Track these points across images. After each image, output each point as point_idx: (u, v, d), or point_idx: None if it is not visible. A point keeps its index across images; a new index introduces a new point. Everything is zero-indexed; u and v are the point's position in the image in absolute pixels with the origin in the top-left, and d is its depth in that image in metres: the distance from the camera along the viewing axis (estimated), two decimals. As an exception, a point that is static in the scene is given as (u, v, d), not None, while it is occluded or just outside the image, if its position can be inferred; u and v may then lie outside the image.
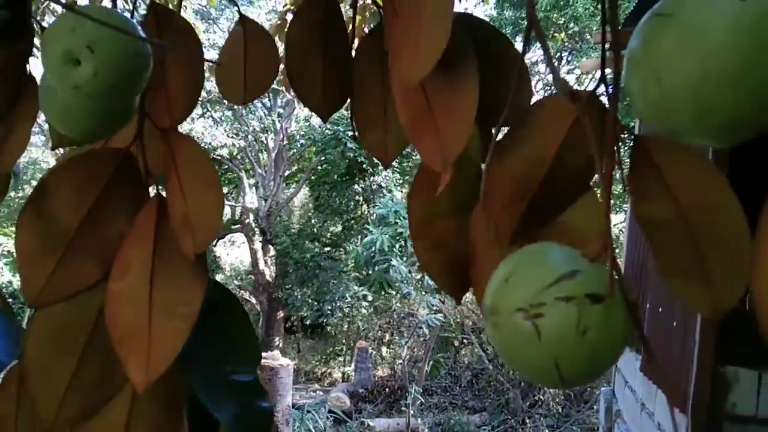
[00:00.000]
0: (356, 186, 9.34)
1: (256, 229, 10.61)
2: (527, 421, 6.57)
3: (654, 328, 3.09)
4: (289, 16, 3.13)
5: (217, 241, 11.23)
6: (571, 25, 8.98)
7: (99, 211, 0.49)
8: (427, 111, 0.42)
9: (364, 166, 8.90)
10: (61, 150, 0.63)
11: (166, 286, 0.47)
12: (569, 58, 10.11)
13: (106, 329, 0.47)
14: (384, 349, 8.99)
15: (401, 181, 9.47)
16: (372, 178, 9.13)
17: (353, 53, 0.60)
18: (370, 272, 7.69)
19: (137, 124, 0.49)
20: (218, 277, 12.41)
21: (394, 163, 8.98)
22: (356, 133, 0.59)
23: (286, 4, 3.29)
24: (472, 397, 7.40)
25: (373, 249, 6.93)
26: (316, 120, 8.95)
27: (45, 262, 0.47)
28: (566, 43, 9.43)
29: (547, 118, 0.42)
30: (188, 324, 0.46)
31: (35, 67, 0.56)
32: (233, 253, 13.00)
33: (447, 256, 0.53)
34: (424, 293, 6.91)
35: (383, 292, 7.67)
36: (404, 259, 7.04)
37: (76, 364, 0.47)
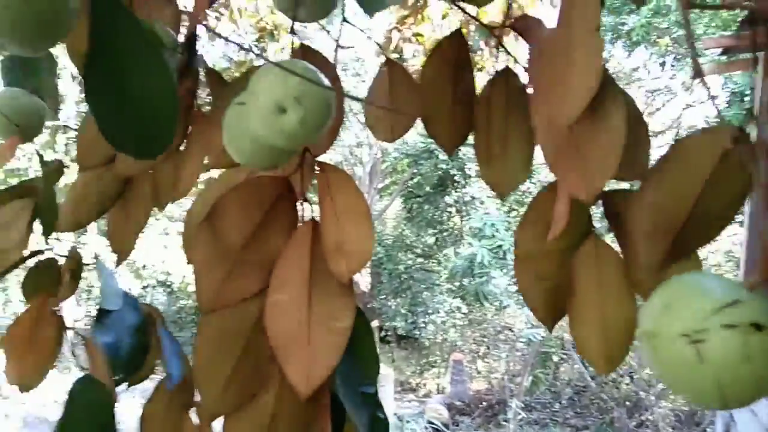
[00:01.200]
0: (448, 198, 9.34)
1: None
2: (634, 442, 6.25)
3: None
4: (395, 34, 3.22)
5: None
6: (675, 29, 8.55)
7: (261, 231, 0.55)
8: (573, 145, 0.44)
9: (456, 177, 8.88)
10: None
11: (322, 302, 0.52)
12: (673, 64, 9.62)
13: (262, 334, 0.53)
14: (479, 363, 8.88)
15: (493, 192, 9.36)
16: (464, 189, 9.10)
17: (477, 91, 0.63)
18: (464, 284, 7.64)
19: (301, 156, 0.55)
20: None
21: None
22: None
23: (390, 23, 3.38)
24: (573, 414, 7.15)
25: (473, 261, 6.89)
26: (408, 134, 9.06)
27: (216, 273, 0.54)
28: (669, 48, 8.98)
29: (693, 153, 0.43)
30: (344, 338, 0.50)
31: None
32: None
33: (547, 287, 0.55)
34: (522, 307, 6.78)
35: (479, 305, 7.60)
36: (503, 271, 6.95)
37: (235, 362, 0.53)
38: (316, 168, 0.57)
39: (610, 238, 0.54)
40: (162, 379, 0.73)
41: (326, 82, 0.49)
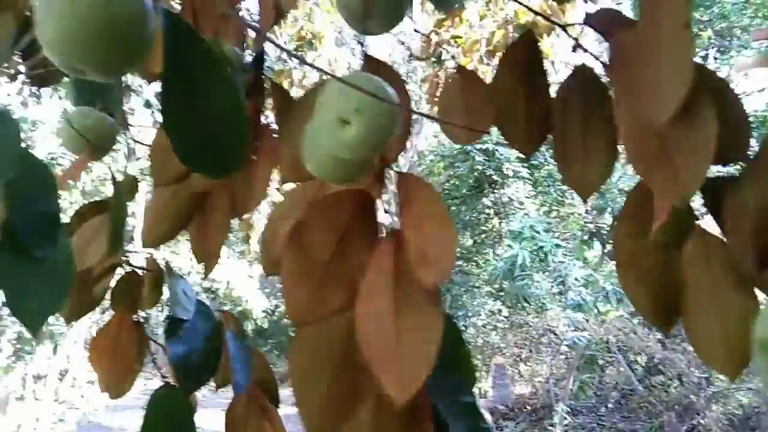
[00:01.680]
0: (486, 199, 9.27)
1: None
2: (685, 447, 6.08)
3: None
4: (433, 36, 3.22)
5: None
6: (718, 21, 8.32)
7: (344, 244, 0.56)
8: (662, 147, 0.43)
9: (494, 177, 8.81)
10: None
11: (409, 311, 0.52)
12: (716, 56, 9.36)
13: (354, 347, 0.53)
14: (522, 366, 8.78)
15: (534, 193, 9.25)
16: (502, 190, 9.01)
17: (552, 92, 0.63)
18: (505, 286, 7.56)
19: (379, 167, 0.55)
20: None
21: (525, 174, 8.77)
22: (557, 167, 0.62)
23: (428, 27, 3.38)
24: (621, 419, 6.99)
25: (514, 264, 6.82)
26: (443, 137, 9.05)
27: (304, 288, 0.55)
28: (713, 41, 8.74)
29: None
30: (435, 346, 0.50)
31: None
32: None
33: (655, 289, 0.54)
34: (565, 309, 6.68)
35: (520, 307, 7.51)
36: (545, 273, 6.86)
37: (331, 376, 0.54)
38: (391, 177, 0.58)
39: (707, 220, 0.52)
40: (235, 391, 0.75)
41: (390, 92, 0.49)
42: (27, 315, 0.57)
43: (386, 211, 0.57)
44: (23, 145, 0.60)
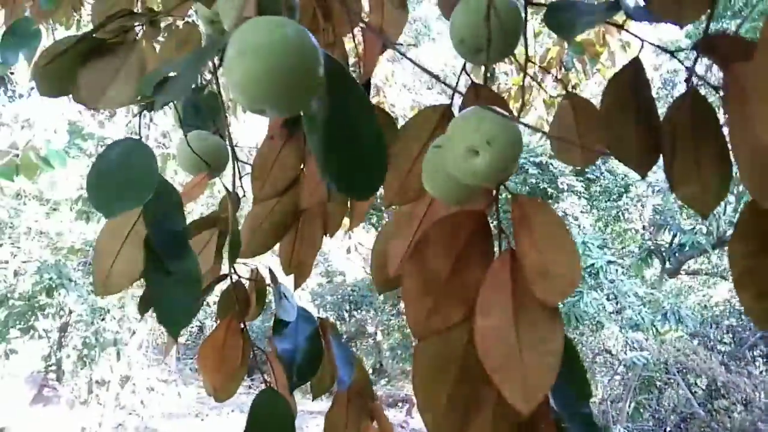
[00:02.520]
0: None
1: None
2: (752, 476, 5.81)
3: None
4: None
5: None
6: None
7: (463, 262, 0.59)
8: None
9: (549, 191, 8.71)
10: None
11: (530, 326, 0.55)
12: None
13: (472, 360, 0.56)
14: (575, 386, 8.56)
15: (588, 207, 9.08)
16: (556, 204, 8.90)
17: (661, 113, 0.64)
18: (560, 305, 7.43)
19: (495, 192, 0.58)
20: (401, 306, 12.88)
21: (580, 188, 8.60)
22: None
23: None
24: (681, 443, 6.74)
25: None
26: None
27: (424, 303, 0.58)
28: None
29: None
30: (556, 359, 0.53)
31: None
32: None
33: None
34: (621, 329, 6.51)
35: (573, 326, 7.37)
36: (599, 291, 6.71)
37: (451, 386, 0.57)
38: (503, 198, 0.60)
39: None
40: (339, 388, 0.79)
41: (514, 125, 0.53)
42: (169, 322, 0.62)
43: (501, 231, 0.60)
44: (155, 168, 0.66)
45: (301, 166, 0.81)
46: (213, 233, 0.90)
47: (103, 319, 6.71)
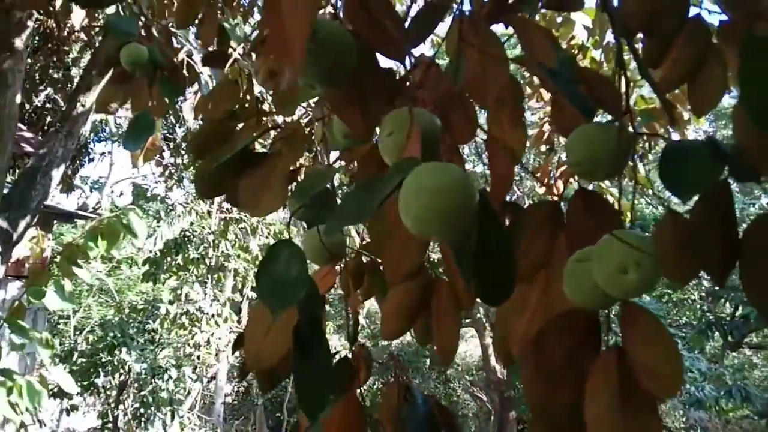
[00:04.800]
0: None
1: (486, 324, 10.72)
2: None
3: None
4: (546, 127, 3.38)
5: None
6: None
7: (576, 352, 0.69)
8: None
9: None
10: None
11: (634, 414, 0.64)
12: None
13: None
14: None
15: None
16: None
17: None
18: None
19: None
20: (449, 372, 12.71)
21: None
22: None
23: (543, 117, 3.55)
24: None
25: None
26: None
27: (542, 384, 0.68)
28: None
29: None
30: (659, 445, 0.62)
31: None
32: (463, 347, 13.23)
33: None
34: (684, 406, 6.25)
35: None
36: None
37: None
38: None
39: None
40: None
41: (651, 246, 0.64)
42: (308, 408, 0.74)
43: (609, 329, 0.70)
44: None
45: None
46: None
47: (161, 379, 6.88)
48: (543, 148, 4.11)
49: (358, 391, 0.98)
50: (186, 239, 7.88)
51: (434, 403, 0.94)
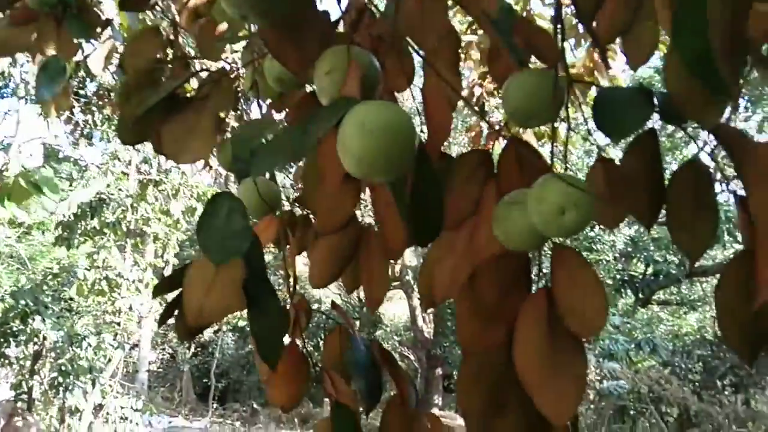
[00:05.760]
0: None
1: (414, 285, 10.94)
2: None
3: None
4: (477, 89, 3.41)
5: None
6: (749, 71, 8.48)
7: (507, 293, 0.70)
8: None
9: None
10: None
11: (563, 352, 0.66)
12: (747, 106, 9.50)
13: (508, 372, 0.67)
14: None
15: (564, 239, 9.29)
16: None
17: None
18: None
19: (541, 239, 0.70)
20: (378, 333, 12.92)
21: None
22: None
23: (474, 79, 3.57)
24: (654, 472, 6.88)
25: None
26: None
27: (474, 324, 0.69)
28: (744, 92, 8.88)
29: None
30: (584, 382, 0.64)
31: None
32: (392, 309, 13.48)
33: (749, 333, 0.68)
34: (599, 360, 6.66)
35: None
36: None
37: (488, 390, 0.68)
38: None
39: None
40: (393, 398, 0.89)
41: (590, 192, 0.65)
42: (267, 356, 0.72)
43: (540, 272, 0.71)
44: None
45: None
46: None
47: (79, 347, 6.60)
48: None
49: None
50: (102, 202, 7.50)
51: (376, 346, 0.94)
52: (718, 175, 0.85)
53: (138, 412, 7.61)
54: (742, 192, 0.67)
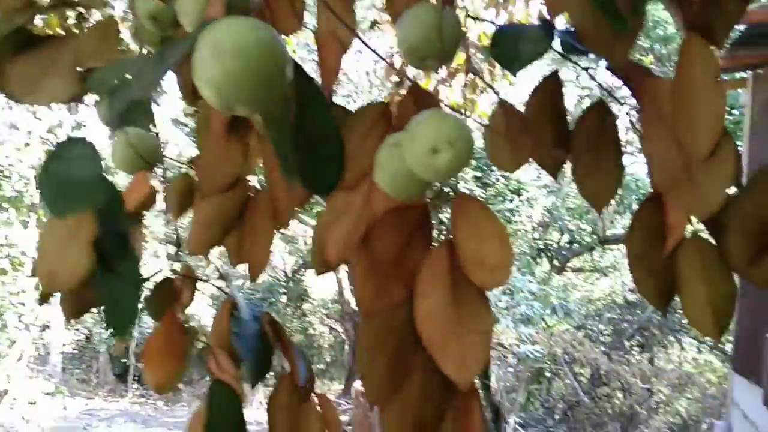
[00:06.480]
0: (441, 215, 9.49)
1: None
2: (630, 455, 6.36)
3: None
4: (397, 57, 3.35)
5: (305, 271, 11.66)
6: (658, 47, 8.86)
7: (406, 248, 0.64)
8: (688, 174, 0.54)
9: (450, 195, 9.04)
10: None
11: (466, 307, 0.61)
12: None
13: (409, 334, 0.62)
14: (472, 380, 8.95)
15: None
16: (454, 207, 9.23)
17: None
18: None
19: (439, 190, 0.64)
20: (305, 306, 12.86)
21: (479, 193, 9.02)
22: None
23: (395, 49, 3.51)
24: (567, 429, 7.23)
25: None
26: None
27: (372, 283, 0.63)
28: (654, 67, 9.29)
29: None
30: (489, 338, 0.60)
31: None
32: (319, 283, 13.40)
33: (659, 280, 0.66)
34: (517, 325, 6.89)
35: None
36: (494, 289, 7.07)
37: (390, 356, 0.62)
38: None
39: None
40: (284, 375, 0.82)
41: (469, 127, 0.59)
42: (117, 324, 0.63)
43: (441, 223, 0.66)
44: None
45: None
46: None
47: (-22, 329, 6.15)
48: (394, 79, 4.09)
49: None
50: (1, 174, 6.95)
51: (267, 320, 0.86)
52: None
53: (49, 395, 7.22)
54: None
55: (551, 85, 0.71)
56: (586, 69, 0.73)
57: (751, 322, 3.24)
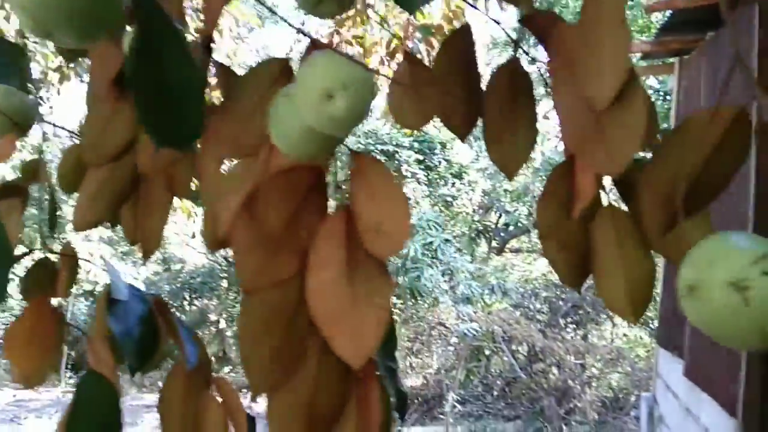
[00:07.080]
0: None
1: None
2: (564, 428, 6.56)
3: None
4: (335, 37, 3.25)
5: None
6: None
7: (297, 216, 0.57)
8: (599, 127, 0.49)
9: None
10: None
11: (362, 280, 0.55)
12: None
13: (301, 313, 0.55)
14: (413, 359, 9.04)
15: (427, 192, 9.53)
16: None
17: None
18: (398, 280, 7.78)
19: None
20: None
21: (421, 176, 9.00)
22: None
23: (330, 26, 3.40)
24: (505, 405, 7.40)
25: (405, 257, 7.02)
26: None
27: (256, 256, 0.56)
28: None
29: (696, 130, 0.50)
30: (387, 313, 0.54)
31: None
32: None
33: (571, 255, 0.61)
34: (457, 303, 6.96)
35: (412, 301, 7.73)
36: (436, 268, 7.11)
37: (278, 339, 0.55)
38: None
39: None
40: (176, 362, 0.74)
41: (367, 68, 0.52)
42: None
43: (338, 187, 0.59)
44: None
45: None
46: (15, 204, 0.80)
47: None
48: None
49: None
50: None
51: (156, 301, 0.78)
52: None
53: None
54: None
55: (461, 39, 0.66)
56: (496, 21, 0.68)
57: (674, 297, 3.35)
